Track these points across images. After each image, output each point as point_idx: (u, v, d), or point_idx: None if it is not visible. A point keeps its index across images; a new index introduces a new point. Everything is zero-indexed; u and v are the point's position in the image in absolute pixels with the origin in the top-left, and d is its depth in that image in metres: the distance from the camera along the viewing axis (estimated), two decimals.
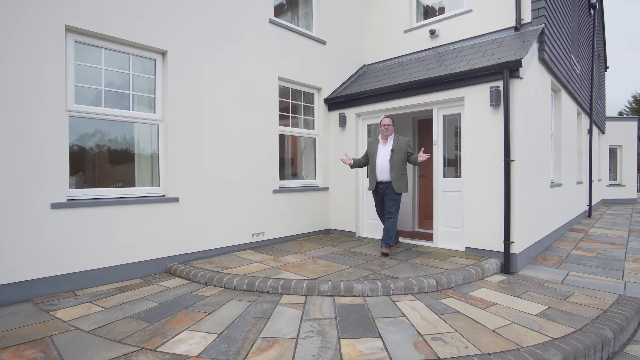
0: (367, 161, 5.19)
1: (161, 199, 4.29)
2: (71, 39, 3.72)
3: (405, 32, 6.86)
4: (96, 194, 3.91)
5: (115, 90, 4.11)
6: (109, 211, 3.89)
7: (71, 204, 3.63)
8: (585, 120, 9.70)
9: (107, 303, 3.28)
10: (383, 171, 4.91)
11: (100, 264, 3.82)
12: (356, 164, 5.22)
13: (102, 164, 4.27)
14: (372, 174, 5.08)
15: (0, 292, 3.22)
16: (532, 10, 5.25)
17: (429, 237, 5.75)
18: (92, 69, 3.93)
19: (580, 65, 8.43)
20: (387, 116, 5.34)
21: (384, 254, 4.77)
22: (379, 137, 5.11)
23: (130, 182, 4.33)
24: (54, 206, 3.51)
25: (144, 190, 4.29)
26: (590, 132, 9.92)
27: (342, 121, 6.38)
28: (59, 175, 3.56)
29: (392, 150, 4.88)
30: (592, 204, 10.54)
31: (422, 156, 4.54)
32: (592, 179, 10.32)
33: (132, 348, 2.43)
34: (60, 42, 3.56)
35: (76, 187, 3.89)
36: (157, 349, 2.41)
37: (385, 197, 4.99)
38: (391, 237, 4.92)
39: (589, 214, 9.98)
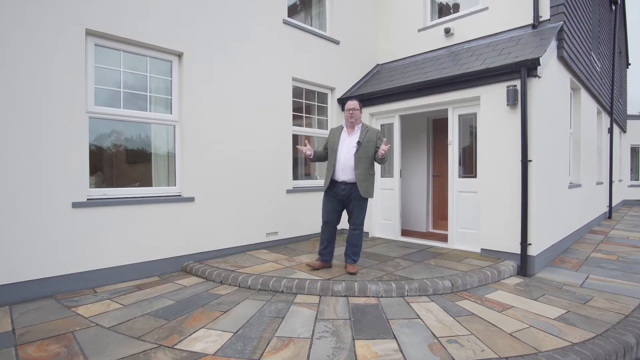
0: (327, 154, 4.23)
1: (177, 199, 4.37)
2: (91, 42, 3.82)
3: (419, 30, 6.79)
4: (115, 193, 4.00)
5: (132, 92, 4.20)
6: (127, 210, 3.97)
7: (91, 203, 3.72)
8: (605, 119, 9.44)
9: (126, 300, 3.36)
10: (346, 168, 3.94)
11: (118, 262, 3.91)
12: (316, 157, 4.22)
13: (120, 164, 4.37)
14: (330, 170, 4.04)
15: (25, 288, 3.34)
16: (551, 7, 5.13)
17: (444, 238, 5.70)
18: (111, 71, 4.02)
19: (600, 63, 8.20)
20: (353, 98, 4.41)
21: (351, 273, 3.88)
22: (344, 125, 4.18)
23: (147, 182, 4.42)
24: (75, 205, 3.61)
25: (161, 190, 4.37)
26: (610, 131, 9.65)
27: None
28: (80, 175, 3.66)
29: (358, 143, 3.93)
30: (613, 205, 10.25)
31: (382, 148, 3.73)
32: (613, 179, 10.04)
33: (151, 345, 2.48)
34: (81, 46, 3.66)
35: (95, 187, 3.98)
36: (174, 347, 2.46)
37: (350, 203, 4.01)
38: (357, 253, 4.03)
39: (609, 215, 9.72)
